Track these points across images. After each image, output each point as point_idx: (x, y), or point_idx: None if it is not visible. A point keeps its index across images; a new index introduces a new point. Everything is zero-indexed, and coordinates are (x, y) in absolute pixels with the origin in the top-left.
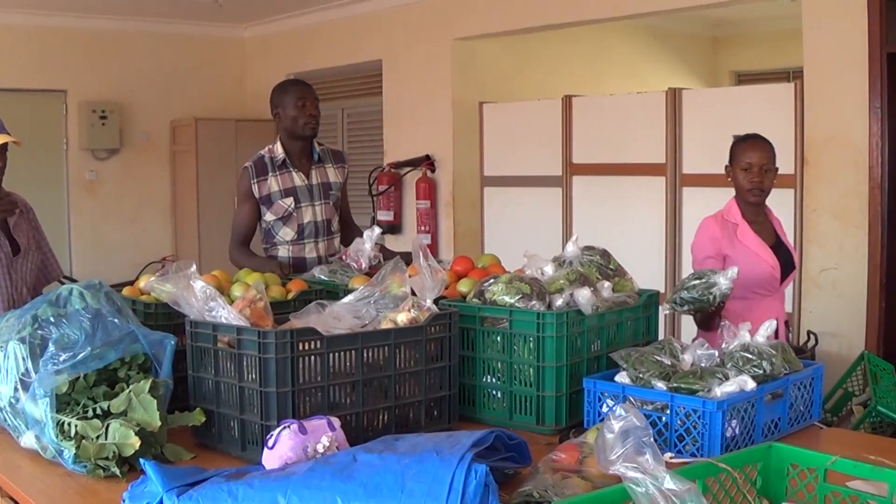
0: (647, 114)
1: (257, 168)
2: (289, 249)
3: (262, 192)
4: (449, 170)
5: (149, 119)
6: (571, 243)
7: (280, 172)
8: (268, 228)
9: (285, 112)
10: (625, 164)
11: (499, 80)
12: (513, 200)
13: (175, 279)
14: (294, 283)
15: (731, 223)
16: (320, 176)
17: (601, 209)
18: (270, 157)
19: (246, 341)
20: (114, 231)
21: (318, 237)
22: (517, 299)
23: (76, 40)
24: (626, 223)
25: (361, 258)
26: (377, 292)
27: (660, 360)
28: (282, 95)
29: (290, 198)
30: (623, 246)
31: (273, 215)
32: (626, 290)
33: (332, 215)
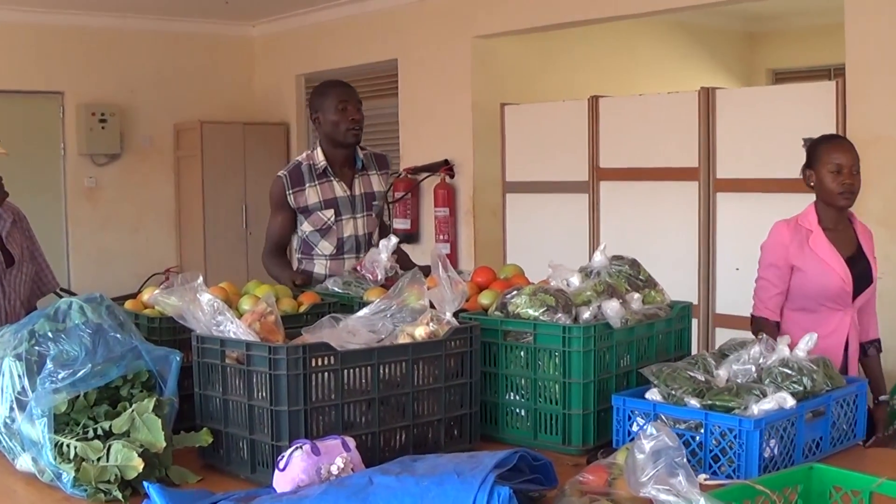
0: (679, 115)
1: (293, 178)
2: (326, 265)
3: (300, 204)
4: (469, 175)
5: (151, 122)
6: (599, 252)
7: (320, 182)
8: (304, 238)
9: (325, 117)
10: (655, 168)
11: (521, 81)
12: (536, 208)
13: (180, 292)
14: (306, 296)
15: (804, 229)
16: (363, 185)
17: (630, 216)
18: (310, 165)
19: (256, 357)
20: (114, 241)
21: (359, 252)
22: (542, 312)
23: (74, 39)
24: (657, 231)
25: (377, 269)
26: (394, 305)
27: (693, 376)
28: (321, 99)
29: (331, 210)
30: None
31: (311, 226)
32: (656, 302)
33: (374, 228)
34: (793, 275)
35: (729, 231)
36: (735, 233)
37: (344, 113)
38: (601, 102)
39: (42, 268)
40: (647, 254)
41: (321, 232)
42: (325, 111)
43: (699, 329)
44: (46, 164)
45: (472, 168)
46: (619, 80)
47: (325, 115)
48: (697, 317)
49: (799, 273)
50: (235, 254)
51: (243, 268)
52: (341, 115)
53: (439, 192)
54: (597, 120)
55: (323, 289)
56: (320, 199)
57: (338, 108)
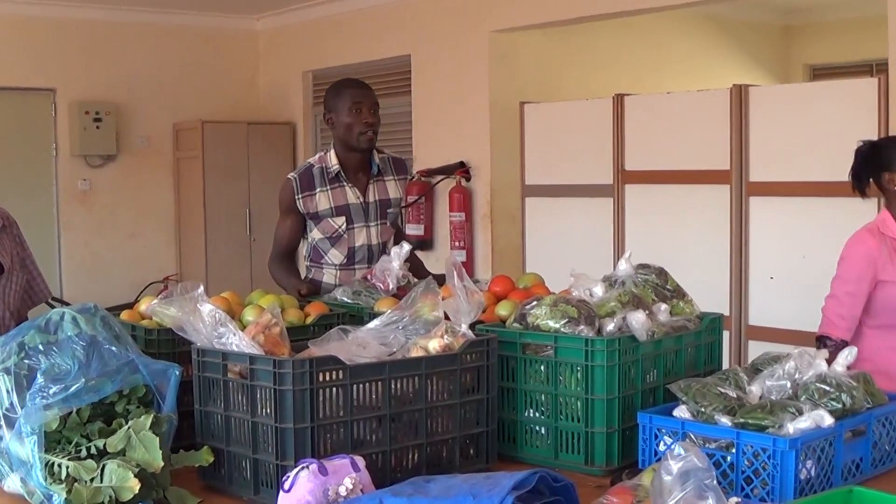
0: (710, 114)
1: (303, 182)
2: (335, 275)
3: (310, 209)
4: (486, 178)
5: (149, 122)
6: (624, 261)
7: (332, 187)
8: (314, 245)
9: (339, 119)
10: (684, 171)
11: (542, 78)
12: (558, 212)
13: (180, 302)
14: (313, 307)
15: (889, 238)
16: (378, 192)
17: (657, 222)
18: (322, 168)
19: (260, 371)
20: (110, 248)
21: (371, 262)
22: (563, 324)
23: (67, 32)
24: (686, 238)
25: (388, 278)
26: (406, 316)
27: (724, 393)
28: (334, 99)
29: (342, 217)
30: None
31: (321, 233)
32: (685, 313)
33: (389, 237)
34: (876, 288)
35: (762, 238)
36: (769, 239)
37: (358, 115)
38: (627, 101)
39: (34, 276)
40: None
41: (331, 240)
42: (339, 112)
43: (731, 342)
44: (37, 166)
45: (490, 170)
46: (646, 78)
47: (339, 117)
48: (729, 329)
49: (886, 286)
50: (238, 262)
51: (247, 276)
52: (355, 118)
53: (454, 195)
54: (622, 119)
55: (331, 299)
56: (331, 206)
57: (352, 109)
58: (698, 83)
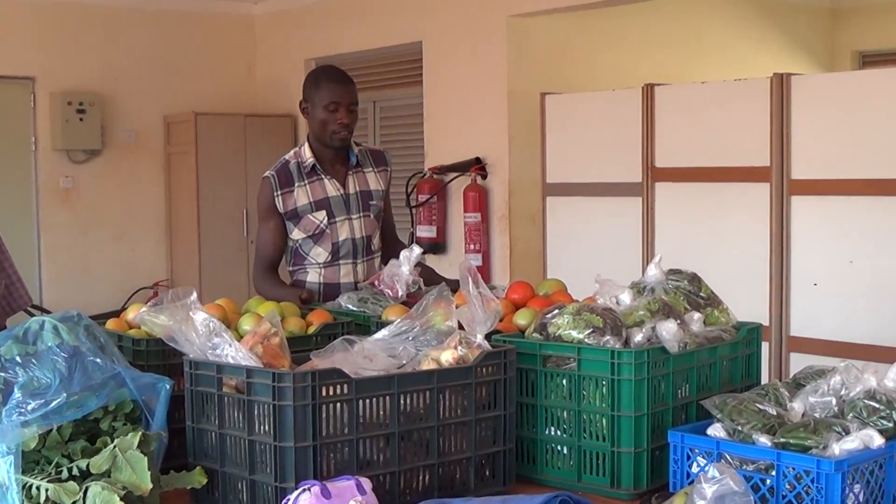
0: (748, 106)
1: (280, 178)
2: (320, 273)
3: (288, 206)
4: (504, 176)
5: (138, 114)
6: (654, 266)
7: (309, 181)
8: (296, 248)
9: (314, 112)
10: (719, 167)
11: (564, 66)
12: (581, 213)
13: (171, 310)
14: (316, 315)
15: None
16: (358, 183)
17: (690, 224)
18: (297, 163)
19: (257, 385)
20: (94, 250)
21: (357, 257)
22: (587, 334)
23: (46, 16)
24: (722, 241)
25: (397, 284)
26: (417, 326)
27: (763, 410)
28: (313, 90)
29: (322, 211)
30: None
31: (302, 232)
32: (720, 322)
33: (373, 230)
34: None
35: (806, 240)
36: (813, 242)
37: (333, 114)
38: (657, 91)
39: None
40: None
41: (314, 238)
42: (315, 105)
43: (770, 354)
44: (15, 161)
45: (508, 167)
46: (679, 66)
47: (314, 110)
48: (768, 340)
49: None
50: (234, 266)
51: (244, 282)
52: (330, 116)
53: (469, 194)
54: (652, 112)
55: (335, 307)
56: (310, 200)
57: (328, 107)
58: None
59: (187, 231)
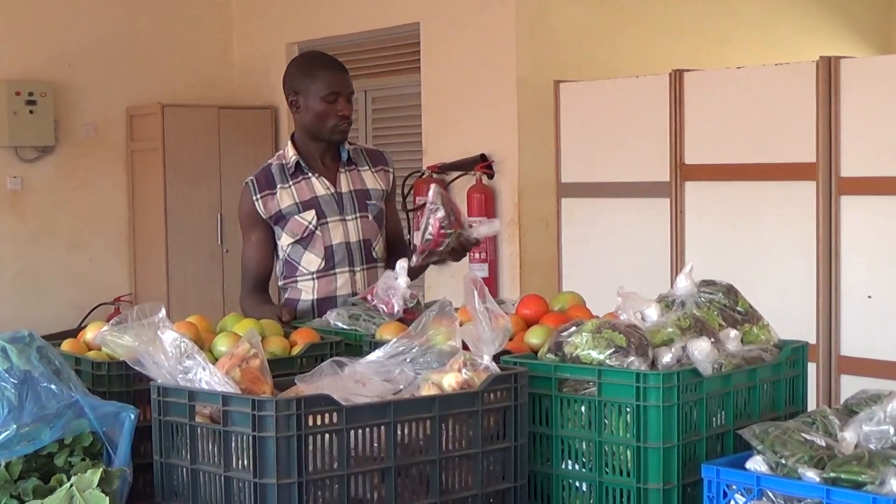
0: (791, 94)
1: (260, 182)
2: (313, 287)
3: (271, 210)
4: (513, 175)
5: (96, 105)
6: (684, 276)
7: (294, 181)
8: (285, 258)
9: (307, 104)
10: (759, 164)
11: (581, 51)
12: (601, 217)
13: (136, 329)
14: (301, 334)
15: None
16: (353, 181)
17: (725, 228)
18: (280, 165)
19: (235, 414)
20: (47, 261)
21: (354, 265)
22: (608, 355)
23: None
24: (761, 248)
25: (393, 298)
26: (416, 346)
27: (810, 440)
28: (305, 80)
29: (311, 211)
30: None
31: (290, 236)
32: (760, 341)
33: (374, 234)
34: None
35: (857, 246)
36: (866, 249)
37: (332, 105)
38: (687, 78)
39: None
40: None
41: (304, 242)
42: (310, 97)
43: (818, 377)
44: None
45: (517, 165)
46: (712, 49)
47: (309, 102)
48: (816, 360)
49: None
50: (207, 278)
51: (218, 297)
52: (329, 108)
53: (474, 196)
54: (681, 101)
55: (322, 324)
56: (296, 201)
57: (327, 97)
58: (777, 55)
59: (153, 239)
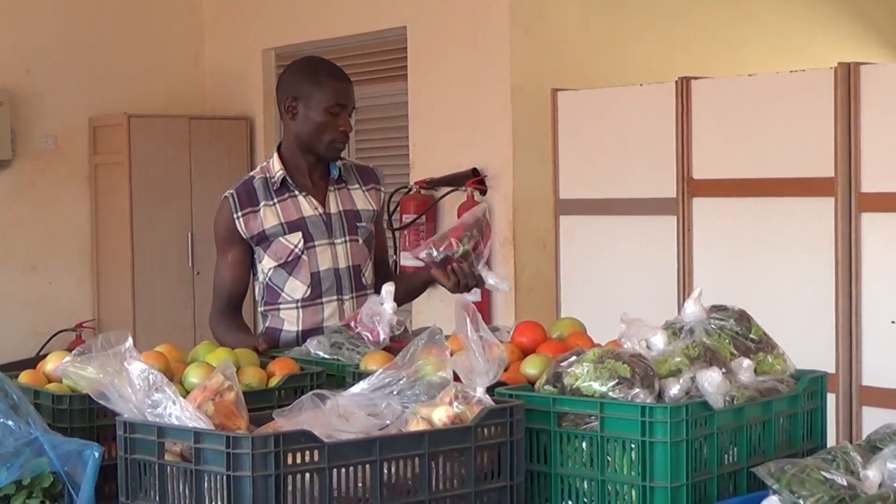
0: (808, 103)
1: (241, 197)
2: (298, 316)
3: (253, 230)
4: (507, 191)
5: (56, 115)
6: (692, 301)
7: (279, 198)
8: (266, 282)
9: (308, 113)
10: (772, 179)
11: (581, 56)
12: (602, 236)
13: (101, 359)
14: (279, 364)
15: None
16: (342, 201)
17: (736, 248)
18: (264, 178)
19: (208, 452)
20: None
21: (343, 293)
22: (612, 386)
23: None
24: (776, 269)
25: (378, 325)
26: (403, 377)
27: (830, 479)
28: (310, 86)
29: (297, 233)
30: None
31: (273, 260)
32: (776, 371)
33: (364, 260)
34: None
35: (880, 267)
36: (889, 270)
37: (335, 119)
38: (695, 86)
39: None
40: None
41: (288, 266)
42: (311, 105)
43: (838, 409)
44: None
45: (512, 180)
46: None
47: (309, 111)
48: (835, 392)
49: None
50: (177, 303)
51: (188, 324)
52: (330, 121)
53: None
54: (688, 111)
55: (302, 353)
56: (281, 221)
57: (331, 109)
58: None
59: (118, 260)
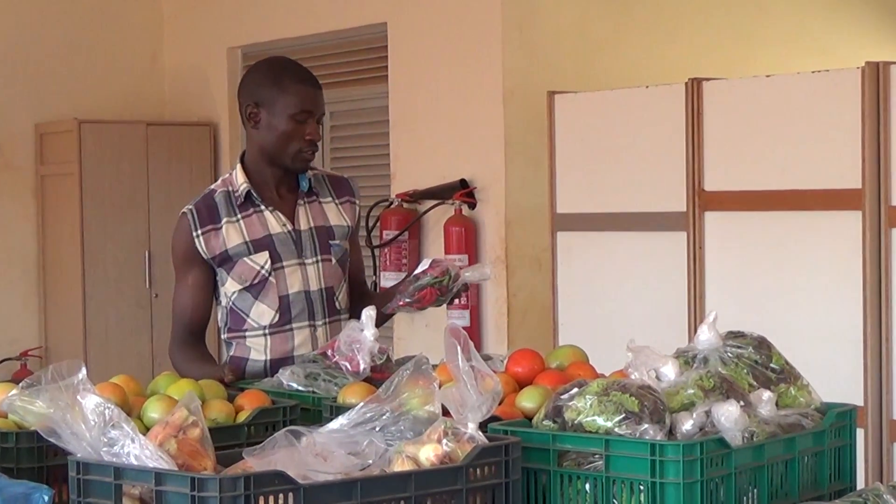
0: (833, 106)
1: (201, 213)
2: (265, 345)
3: (215, 249)
4: (499, 204)
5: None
6: (706, 327)
7: (244, 214)
8: (230, 307)
9: (271, 120)
10: (793, 191)
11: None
12: (604, 254)
13: (51, 392)
14: (248, 396)
15: None
16: (313, 216)
17: (754, 267)
18: (227, 192)
19: (171, 495)
20: None
21: (315, 318)
22: (618, 422)
23: None
24: (798, 291)
25: (358, 354)
26: (387, 412)
27: None
28: (273, 91)
29: (264, 253)
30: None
31: (237, 283)
32: (799, 404)
33: (337, 281)
34: None
35: None
36: None
37: (301, 127)
38: (707, 88)
39: None
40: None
41: (254, 289)
42: (275, 112)
43: (867, 446)
44: None
45: (504, 192)
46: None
47: (273, 118)
48: (864, 426)
49: None
50: (134, 329)
51: (146, 350)
52: (296, 129)
53: (452, 230)
54: (699, 116)
55: (273, 385)
56: (246, 239)
57: (296, 116)
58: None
59: (68, 281)
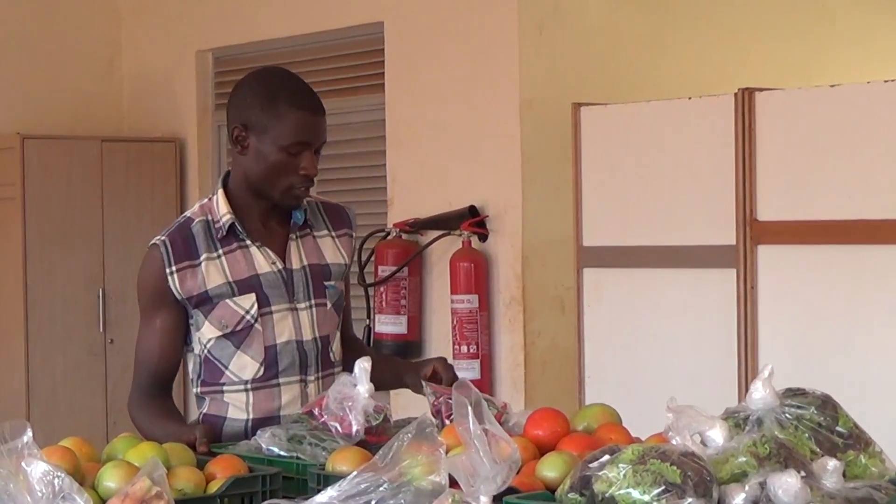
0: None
1: (176, 246)
2: (247, 402)
3: (191, 289)
4: (515, 235)
5: None
6: (760, 383)
7: (226, 249)
8: (205, 355)
9: (260, 147)
10: (860, 221)
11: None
12: (639, 295)
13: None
14: (221, 463)
15: None
16: (306, 254)
17: (816, 311)
18: (206, 222)
19: None
20: None
21: (307, 372)
22: (657, 495)
23: None
24: (867, 337)
25: (350, 413)
26: (384, 482)
27: None
28: (265, 115)
29: (250, 295)
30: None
31: (216, 328)
32: (870, 474)
33: (333, 329)
34: None
35: None
36: None
37: (294, 159)
38: (758, 100)
39: None
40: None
41: (235, 337)
42: (265, 140)
43: None
44: None
45: (521, 222)
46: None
47: (262, 146)
48: None
49: None
50: (86, 382)
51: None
52: (289, 162)
53: (460, 266)
54: (751, 133)
55: (251, 449)
56: (228, 280)
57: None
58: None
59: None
